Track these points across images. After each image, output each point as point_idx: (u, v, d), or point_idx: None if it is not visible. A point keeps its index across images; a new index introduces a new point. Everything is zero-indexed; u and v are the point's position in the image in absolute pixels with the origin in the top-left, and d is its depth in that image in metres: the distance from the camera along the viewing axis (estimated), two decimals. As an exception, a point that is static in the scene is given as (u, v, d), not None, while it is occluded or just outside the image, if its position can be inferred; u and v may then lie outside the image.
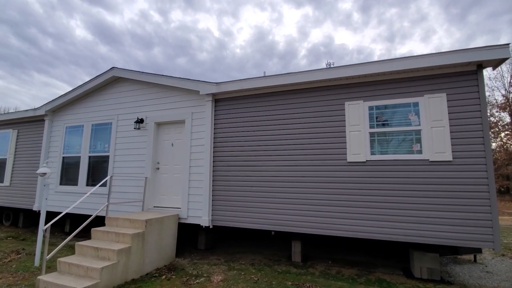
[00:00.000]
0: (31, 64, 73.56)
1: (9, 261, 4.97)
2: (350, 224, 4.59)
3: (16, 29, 71.55)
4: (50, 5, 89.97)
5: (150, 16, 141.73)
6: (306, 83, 5.15)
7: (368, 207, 4.53)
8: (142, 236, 4.64)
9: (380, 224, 4.42)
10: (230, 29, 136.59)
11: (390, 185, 4.47)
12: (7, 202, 8.22)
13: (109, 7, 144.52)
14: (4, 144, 8.75)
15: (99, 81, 7.06)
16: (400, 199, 4.38)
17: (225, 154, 5.61)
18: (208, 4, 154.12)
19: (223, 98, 5.79)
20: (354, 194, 4.64)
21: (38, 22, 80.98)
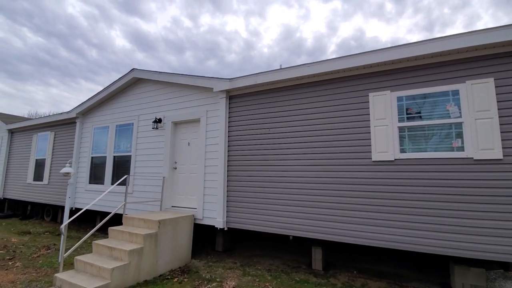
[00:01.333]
0: (78, 73, 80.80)
1: (38, 256, 5.25)
2: (377, 232, 4.06)
3: (64, 42, 79.06)
4: (93, 18, 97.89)
5: (181, 22, 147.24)
6: (324, 74, 4.69)
7: (398, 213, 3.96)
8: (155, 236, 4.58)
9: (412, 234, 3.84)
10: (257, 29, 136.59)
11: (424, 188, 3.85)
12: (45, 199, 8.89)
13: (145, 16, 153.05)
14: (44, 145, 9.48)
15: (121, 83, 7.25)
16: (437, 205, 3.74)
17: (239, 153, 5.36)
18: (235, 6, 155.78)
19: (237, 94, 5.55)
20: (380, 198, 4.10)
21: (83, 34, 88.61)
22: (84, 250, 5.69)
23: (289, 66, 4.89)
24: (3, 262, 4.84)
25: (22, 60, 68.61)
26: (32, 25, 77.63)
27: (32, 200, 9.36)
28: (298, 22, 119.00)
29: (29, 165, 9.79)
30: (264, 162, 5.07)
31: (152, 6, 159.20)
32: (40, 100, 64.60)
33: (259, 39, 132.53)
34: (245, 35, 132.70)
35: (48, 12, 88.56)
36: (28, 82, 66.10)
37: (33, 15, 79.46)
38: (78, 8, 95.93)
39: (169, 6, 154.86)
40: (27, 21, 74.51)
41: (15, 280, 4.09)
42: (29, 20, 76.33)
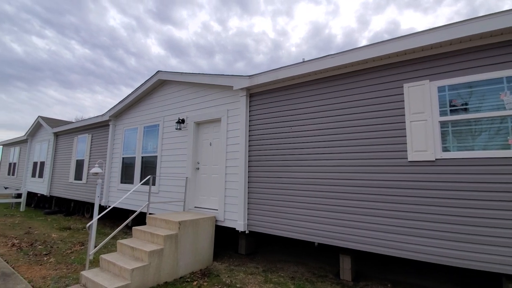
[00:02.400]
0: (120, 80, 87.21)
1: (71, 252, 5.53)
2: (414, 243, 3.55)
3: (107, 52, 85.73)
4: (131, 28, 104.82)
5: (210, 26, 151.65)
6: (350, 65, 4.26)
7: (439, 222, 3.42)
8: (175, 238, 4.54)
9: (457, 246, 3.28)
10: (284, 29, 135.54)
11: (471, 193, 3.27)
12: (84, 198, 9.50)
13: (177, 23, 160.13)
14: (83, 147, 10.15)
15: (147, 86, 7.43)
16: (488, 213, 3.15)
17: (260, 154, 5.13)
18: (263, 7, 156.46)
19: (257, 92, 5.32)
20: (418, 204, 3.58)
21: (123, 44, 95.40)
22: (114, 248, 5.90)
23: (312, 58, 4.54)
24: (40, 257, 5.17)
25: (72, 70, 75.81)
26: (80, 38, 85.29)
27: (74, 198, 10.09)
28: (327, 19, 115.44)
29: (70, 165, 10.56)
30: (286, 163, 4.78)
31: (183, 14, 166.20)
32: (88, 106, 70.81)
33: (286, 39, 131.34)
34: (272, 36, 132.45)
35: (93, 25, 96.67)
36: (77, 90, 72.87)
37: (80, 29, 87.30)
38: (118, 20, 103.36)
39: (199, 12, 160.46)
40: (75, 35, 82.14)
41: (46, 275, 4.30)
42: (77, 34, 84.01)
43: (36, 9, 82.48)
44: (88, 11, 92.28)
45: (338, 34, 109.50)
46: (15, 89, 71.71)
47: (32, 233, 7.29)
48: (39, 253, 5.39)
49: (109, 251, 5.67)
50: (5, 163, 16.82)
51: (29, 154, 13.66)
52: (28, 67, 75.60)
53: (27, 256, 5.20)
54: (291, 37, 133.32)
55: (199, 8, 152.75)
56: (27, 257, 5.15)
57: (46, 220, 9.51)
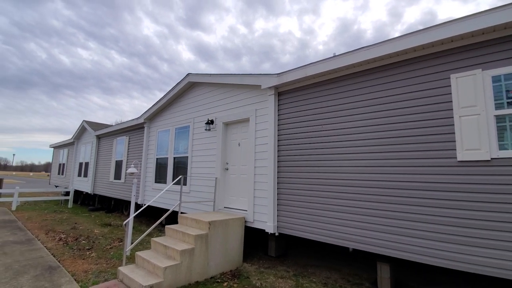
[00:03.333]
0: (154, 85, 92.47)
1: (111, 248, 5.86)
2: (463, 253, 3.16)
3: (143, 59, 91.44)
4: (163, 36, 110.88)
5: (237, 30, 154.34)
6: (387, 57, 3.94)
7: (498, 230, 2.99)
8: (206, 238, 4.56)
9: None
10: (311, 27, 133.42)
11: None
12: (123, 196, 10.08)
13: (205, 28, 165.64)
14: (121, 148, 10.79)
15: (178, 88, 7.65)
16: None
17: (290, 153, 4.97)
18: (288, 7, 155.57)
19: (286, 90, 5.17)
20: (470, 209, 3.18)
21: (156, 51, 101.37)
22: (148, 245, 6.14)
23: (343, 52, 4.29)
24: (83, 251, 5.53)
25: (112, 78, 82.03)
26: (118, 48, 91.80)
27: (114, 196, 10.76)
28: (356, 14, 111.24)
29: (111, 165, 11.29)
30: (318, 163, 4.57)
31: (211, 19, 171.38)
32: (127, 110, 75.99)
33: (313, 37, 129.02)
34: (298, 35, 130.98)
35: (130, 35, 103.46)
36: (117, 96, 78.51)
37: (118, 39, 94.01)
38: (152, 29, 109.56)
39: (226, 16, 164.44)
40: (114, 45, 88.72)
41: (88, 269, 4.58)
42: (116, 44, 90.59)
43: (81, 23, 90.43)
44: (125, 23, 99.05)
45: (368, 29, 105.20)
46: (64, 97, 79.31)
47: (77, 228, 7.88)
48: (83, 248, 5.78)
49: (144, 247, 5.91)
50: (56, 163, 18.56)
51: (76, 155, 14.90)
52: (75, 77, 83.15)
53: (71, 250, 5.60)
54: (318, 35, 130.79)
55: (226, 12, 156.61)
56: (71, 251, 5.54)
57: (90, 216, 10.26)
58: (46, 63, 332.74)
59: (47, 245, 5.97)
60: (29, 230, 7.46)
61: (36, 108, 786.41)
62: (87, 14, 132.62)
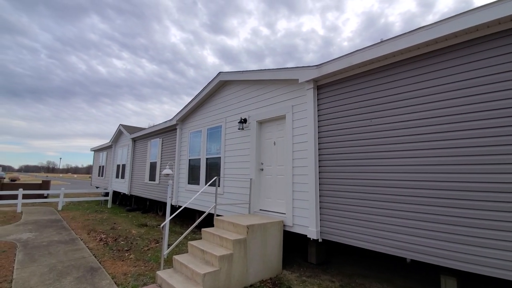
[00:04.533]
0: (182, 90, 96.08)
1: (148, 249, 5.84)
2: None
3: (171, 66, 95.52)
4: (189, 42, 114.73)
5: (259, 31, 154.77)
6: (453, 37, 3.36)
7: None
8: (244, 243, 4.30)
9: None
10: (335, 24, 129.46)
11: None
12: (157, 197, 10.25)
13: (228, 32, 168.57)
14: (155, 150, 11.01)
15: (209, 88, 7.53)
16: None
17: (333, 151, 4.54)
18: (310, 5, 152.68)
19: (326, 83, 4.74)
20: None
21: (183, 57, 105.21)
22: (184, 247, 6.05)
23: (395, 35, 3.77)
24: (122, 253, 5.56)
25: (144, 85, 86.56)
26: (148, 56, 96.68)
27: (149, 197, 11.01)
28: (382, 7, 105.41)
29: (145, 167, 11.59)
30: (366, 162, 4.09)
31: (234, 23, 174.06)
32: (157, 115, 79.61)
33: (337, 34, 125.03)
34: (322, 32, 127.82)
35: (158, 44, 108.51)
36: (148, 102, 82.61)
37: (148, 48, 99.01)
38: (178, 36, 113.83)
39: (248, 19, 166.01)
40: (145, 54, 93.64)
41: (127, 272, 4.54)
42: (146, 52, 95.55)
43: (115, 35, 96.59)
44: (154, 32, 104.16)
45: (396, 21, 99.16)
46: (102, 104, 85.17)
47: (116, 228, 8.09)
48: (121, 249, 5.83)
49: (180, 250, 5.82)
50: (96, 166, 19.71)
51: (114, 158, 15.62)
52: (111, 85, 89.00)
53: (111, 251, 5.66)
54: (343, 31, 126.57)
55: (248, 15, 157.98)
56: (111, 252, 5.60)
57: (128, 216, 10.57)
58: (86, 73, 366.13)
59: (88, 245, 6.12)
60: (72, 230, 7.80)
61: (78, 115, 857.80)
62: (119, 26, 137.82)
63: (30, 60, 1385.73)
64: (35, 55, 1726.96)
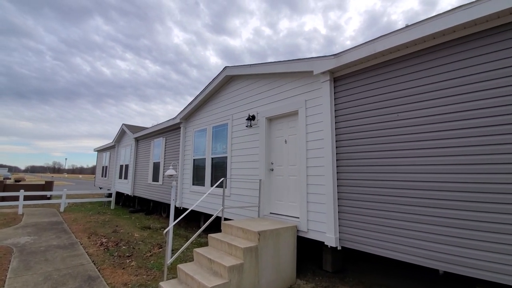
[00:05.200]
0: (185, 91, 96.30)
1: (151, 255, 5.47)
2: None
3: (174, 67, 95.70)
4: (192, 43, 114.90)
5: (261, 31, 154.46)
6: (496, 18, 2.92)
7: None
8: (255, 251, 3.89)
9: None
10: (337, 23, 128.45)
11: None
12: (161, 198, 9.90)
13: (231, 33, 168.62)
14: (159, 150, 10.66)
15: (215, 84, 7.14)
16: None
17: (353, 150, 4.11)
18: (312, 4, 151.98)
19: (344, 74, 4.31)
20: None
21: (186, 58, 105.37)
22: (189, 253, 5.67)
23: (426, 18, 3.33)
24: (123, 259, 5.20)
25: (147, 86, 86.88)
26: (152, 57, 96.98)
27: (152, 198, 10.67)
28: (384, 5, 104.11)
29: (149, 167, 11.25)
30: (392, 161, 3.65)
31: (236, 23, 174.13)
32: (161, 115, 79.87)
33: (340, 33, 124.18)
34: (324, 32, 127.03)
35: (162, 45, 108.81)
36: (152, 102, 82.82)
37: (151, 49, 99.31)
38: (181, 37, 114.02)
39: (250, 20, 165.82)
40: (148, 55, 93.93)
41: (128, 282, 4.16)
42: (149, 53, 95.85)
43: (119, 37, 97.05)
44: (157, 33, 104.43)
45: (399, 20, 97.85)
46: (107, 105, 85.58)
47: (118, 231, 7.75)
48: (123, 255, 5.47)
49: (185, 255, 5.44)
50: (100, 166, 19.47)
51: (117, 158, 15.33)
52: (115, 86, 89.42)
53: (112, 258, 5.30)
54: (345, 30, 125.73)
55: (250, 15, 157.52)
56: (112, 259, 5.24)
57: (130, 218, 10.24)
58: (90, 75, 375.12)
59: (88, 251, 5.78)
60: (73, 233, 7.47)
61: (83, 116, 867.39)
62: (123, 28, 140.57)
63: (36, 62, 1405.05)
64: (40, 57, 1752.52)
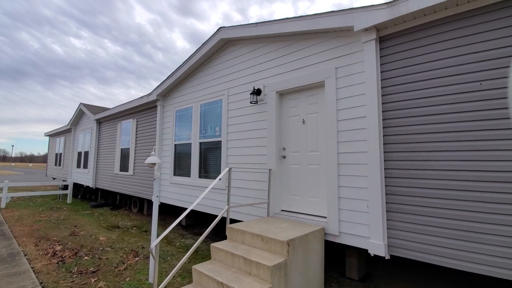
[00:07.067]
0: (149, 75, 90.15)
1: (125, 269, 4.13)
2: None
3: (137, 48, 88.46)
4: (157, 24, 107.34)
5: (231, 17, 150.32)
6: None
7: None
8: (284, 268, 2.82)
9: None
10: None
11: None
12: (131, 191, 8.33)
13: (199, 16, 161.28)
14: (128, 134, 8.95)
15: (205, 51, 5.75)
16: None
17: (410, 131, 3.14)
18: None
19: (396, 32, 3.29)
20: None
21: (150, 40, 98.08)
22: (175, 259, 4.43)
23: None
24: (85, 278, 3.78)
25: (107, 67, 79.55)
26: (111, 36, 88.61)
27: (120, 191, 9.02)
28: None
29: (115, 155, 9.50)
30: (470, 145, 2.76)
31: (204, 6, 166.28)
32: (124, 100, 74.06)
33: None
34: None
35: (122, 24, 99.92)
36: (113, 86, 76.27)
37: (111, 28, 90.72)
38: (145, 17, 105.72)
39: (219, 3, 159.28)
40: (107, 34, 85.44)
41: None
42: (109, 33, 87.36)
43: (73, 12, 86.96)
44: (117, 11, 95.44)
45: None
46: (60, 87, 77.04)
47: (77, 234, 6.17)
48: (85, 270, 4.05)
49: (171, 266, 4.19)
50: (52, 153, 16.76)
51: (74, 144, 13.08)
52: (69, 66, 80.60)
53: (69, 276, 3.87)
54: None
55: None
56: (69, 278, 3.81)
57: (93, 215, 8.54)
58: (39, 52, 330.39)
59: (35, 265, 4.25)
60: (15, 238, 5.75)
61: (32, 98, 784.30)
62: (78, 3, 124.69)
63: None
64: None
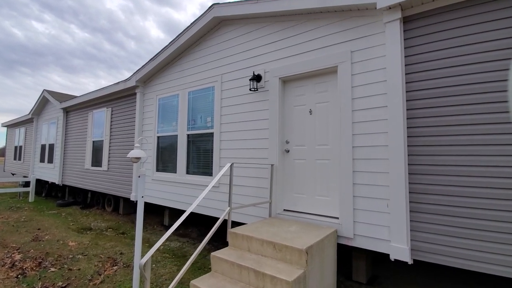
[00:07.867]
0: (121, 64, 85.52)
1: (101, 281, 3.48)
2: None
3: (107, 36, 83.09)
4: (129, 11, 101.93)
5: None
6: None
7: None
8: (303, 282, 2.39)
9: None
10: None
11: None
12: (106, 189, 7.47)
13: (174, 5, 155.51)
14: (101, 125, 8.02)
15: (195, 30, 5.10)
16: None
17: (440, 122, 2.82)
18: None
19: (424, 12, 2.95)
20: None
21: (122, 27, 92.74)
22: (166, 261, 3.86)
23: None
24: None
25: (74, 55, 73.87)
26: (79, 22, 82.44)
27: (91, 189, 8.10)
28: None
29: (86, 148, 8.50)
30: (508, 139, 2.49)
31: None
32: (93, 90, 69.67)
33: None
34: None
35: (91, 8, 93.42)
36: (81, 75, 71.26)
37: (78, 13, 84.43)
38: (116, 2, 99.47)
39: None
40: (74, 19, 79.31)
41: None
42: (76, 17, 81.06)
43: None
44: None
45: None
46: (20, 75, 70.32)
47: (41, 239, 5.31)
48: (52, 286, 3.35)
49: (157, 277, 3.62)
50: (11, 146, 14.98)
51: (36, 136, 11.68)
52: (30, 52, 73.75)
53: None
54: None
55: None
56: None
57: (60, 215, 7.58)
58: None
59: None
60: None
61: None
62: None
63: None
64: None
